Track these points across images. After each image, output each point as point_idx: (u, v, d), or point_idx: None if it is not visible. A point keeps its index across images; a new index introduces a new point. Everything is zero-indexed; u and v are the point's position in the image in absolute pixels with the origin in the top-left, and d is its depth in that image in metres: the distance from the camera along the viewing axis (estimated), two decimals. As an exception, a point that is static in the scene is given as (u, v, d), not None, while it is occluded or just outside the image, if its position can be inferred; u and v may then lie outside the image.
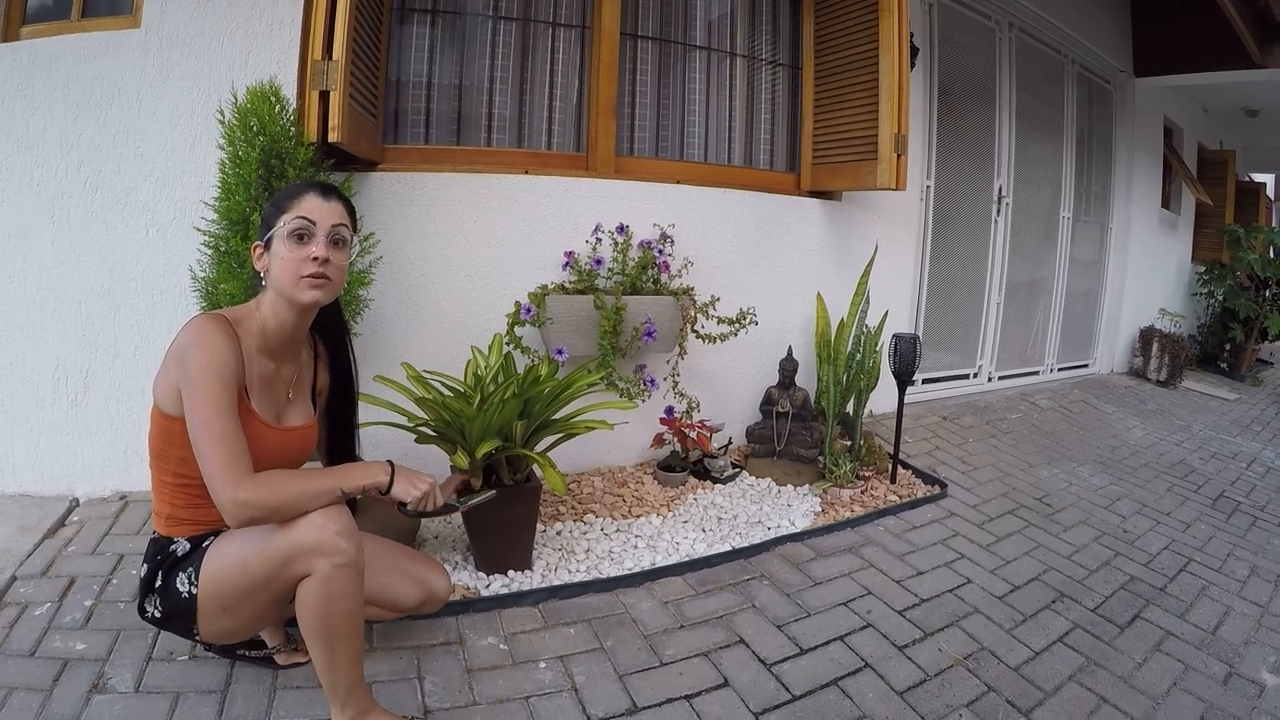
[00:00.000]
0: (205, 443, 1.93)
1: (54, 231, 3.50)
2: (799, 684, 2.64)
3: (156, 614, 2.16)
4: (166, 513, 2.17)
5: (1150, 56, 8.38)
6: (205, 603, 2.09)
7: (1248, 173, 13.04)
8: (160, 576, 2.13)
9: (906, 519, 4.11)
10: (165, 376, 2.06)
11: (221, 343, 2.02)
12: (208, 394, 1.96)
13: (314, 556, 1.96)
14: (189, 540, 2.16)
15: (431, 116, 4.18)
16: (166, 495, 2.16)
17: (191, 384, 1.97)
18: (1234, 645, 3.18)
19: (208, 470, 1.92)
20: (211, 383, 1.97)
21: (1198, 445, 6.40)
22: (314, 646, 2.04)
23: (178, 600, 2.11)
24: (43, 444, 3.61)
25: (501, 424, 2.96)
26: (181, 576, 2.10)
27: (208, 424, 1.94)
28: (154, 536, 2.20)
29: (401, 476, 2.17)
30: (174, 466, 2.13)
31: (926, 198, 6.21)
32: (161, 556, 2.14)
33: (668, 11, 4.80)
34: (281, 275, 2.13)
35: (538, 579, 3.17)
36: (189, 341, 2.00)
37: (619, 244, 4.12)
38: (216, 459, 1.92)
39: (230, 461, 1.92)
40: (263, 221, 2.19)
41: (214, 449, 1.92)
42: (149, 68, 3.47)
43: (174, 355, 2.02)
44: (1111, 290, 8.84)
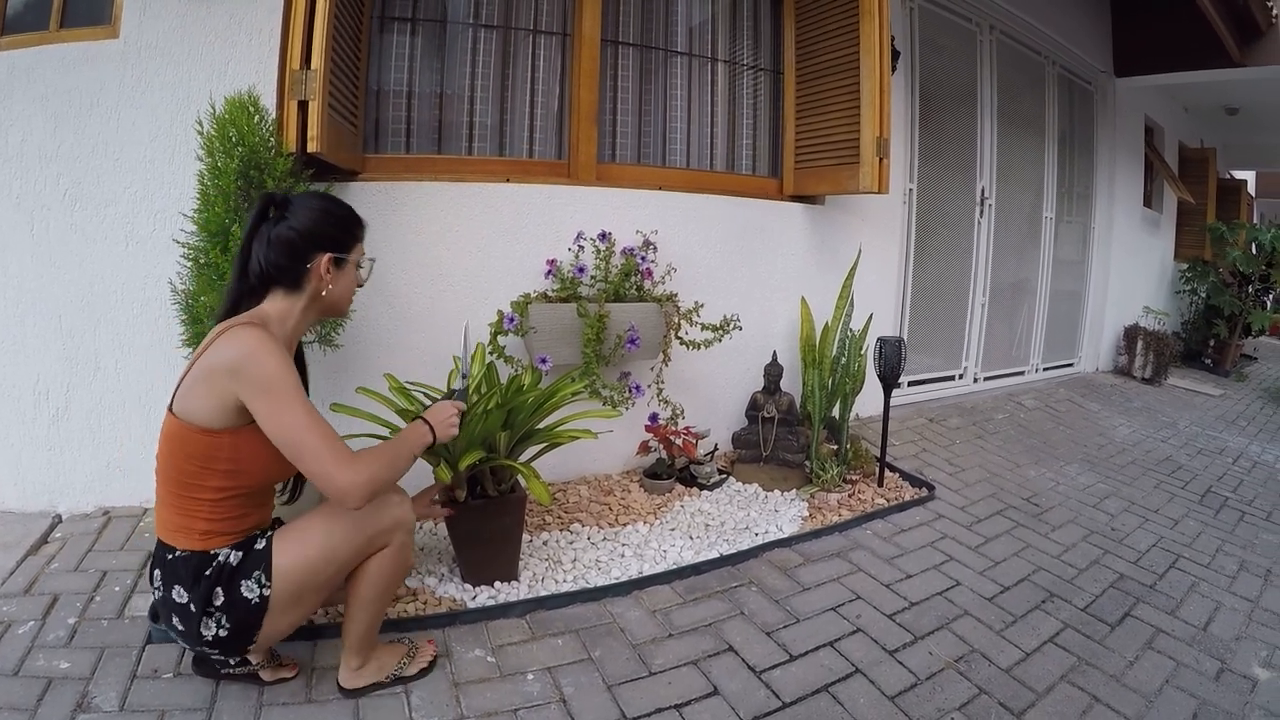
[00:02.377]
0: (311, 441, 2.04)
1: (33, 244, 3.47)
2: (789, 691, 2.64)
3: (221, 634, 2.13)
4: (203, 529, 2.12)
5: (1130, 56, 8.42)
6: (280, 599, 2.15)
7: (1228, 170, 13.09)
8: (221, 592, 2.11)
9: (894, 522, 4.11)
10: (211, 392, 2.05)
11: (280, 351, 2.08)
12: (295, 397, 2.05)
13: (396, 531, 2.33)
14: (233, 548, 2.15)
15: (412, 125, 4.17)
16: (204, 512, 2.12)
17: (271, 391, 2.02)
18: (1225, 641, 3.19)
19: (320, 466, 2.04)
20: (292, 386, 2.06)
21: (1184, 442, 6.42)
22: (365, 609, 2.36)
23: (248, 608, 2.12)
24: (24, 460, 3.58)
25: (485, 435, 2.94)
26: (247, 583, 2.11)
27: (308, 425, 2.05)
28: (181, 556, 2.13)
29: (439, 426, 2.44)
30: (218, 481, 2.11)
31: (909, 200, 6.22)
32: (211, 571, 2.11)
33: (648, 18, 4.79)
34: (344, 296, 2.40)
35: (524, 590, 3.15)
36: (251, 353, 2.03)
37: (601, 251, 4.11)
38: (329, 453, 2.05)
39: (342, 452, 2.07)
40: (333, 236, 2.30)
41: (323, 444, 2.05)
42: (128, 78, 3.45)
43: (224, 369, 2.03)
44: (1095, 289, 8.87)
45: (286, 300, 2.27)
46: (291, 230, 2.22)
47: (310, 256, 2.24)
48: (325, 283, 2.28)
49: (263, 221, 2.24)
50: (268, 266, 2.22)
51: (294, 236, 2.22)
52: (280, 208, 2.26)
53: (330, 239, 2.29)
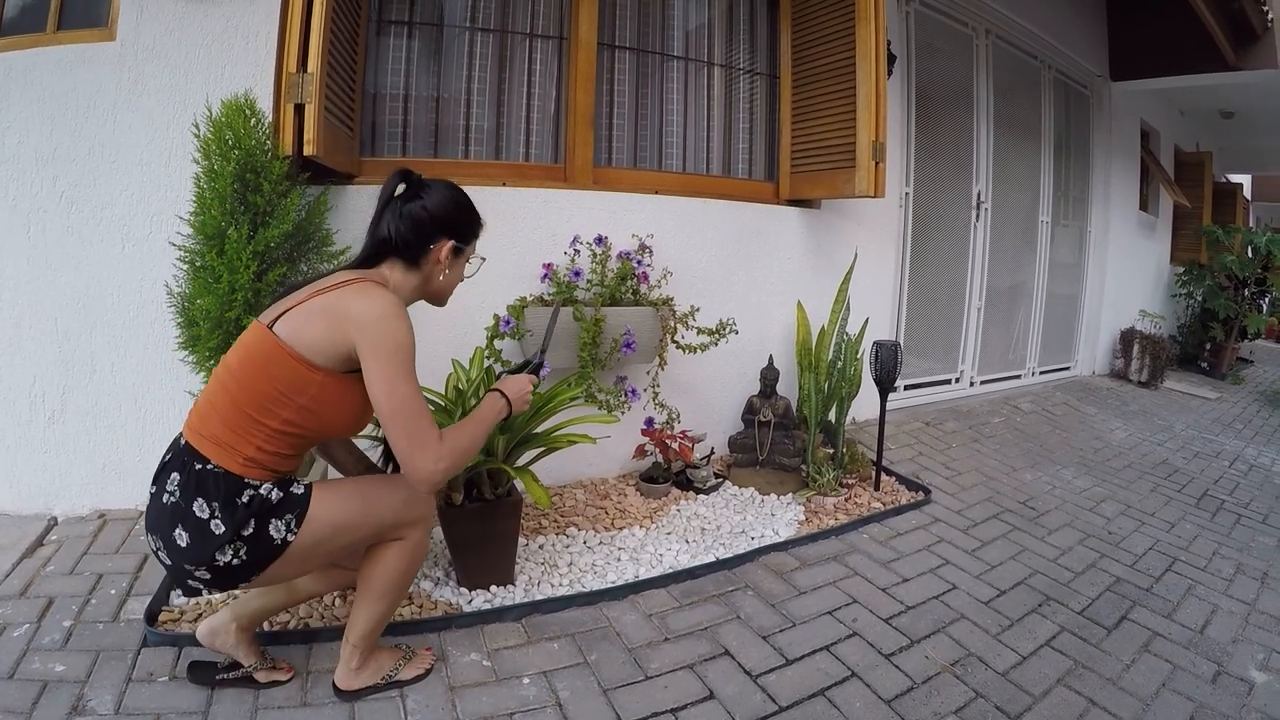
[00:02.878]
0: (410, 418, 2.07)
1: (29, 247, 3.47)
2: (785, 695, 2.63)
3: (234, 562, 2.07)
4: (249, 454, 2.08)
5: (1126, 60, 8.43)
6: (297, 551, 2.16)
7: (1224, 174, 13.14)
8: (253, 523, 2.07)
9: (891, 526, 4.11)
10: (331, 330, 2.08)
11: (408, 320, 2.15)
12: (411, 370, 2.11)
13: (418, 525, 2.36)
14: (274, 485, 2.12)
15: (409, 129, 4.17)
16: (259, 438, 2.08)
17: (390, 357, 2.06)
18: (1222, 644, 3.19)
19: (409, 444, 2.07)
20: (410, 361, 2.12)
21: (1180, 445, 6.43)
22: (375, 603, 2.37)
23: (268, 548, 2.11)
24: (19, 462, 3.58)
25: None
26: (277, 523, 2.10)
27: (408, 402, 2.07)
28: (214, 470, 2.06)
29: (514, 398, 2.50)
30: (290, 414, 2.09)
31: (906, 204, 6.23)
32: (252, 500, 2.07)
33: (645, 22, 4.79)
34: (451, 285, 2.50)
35: (520, 594, 3.14)
36: (386, 315, 2.08)
37: (597, 255, 4.11)
38: (418, 433, 2.08)
39: (430, 437, 2.10)
40: (458, 228, 2.40)
41: (415, 426, 2.08)
42: (124, 80, 3.45)
43: (357, 319, 2.07)
44: (1091, 293, 8.88)
45: (403, 275, 2.34)
46: (424, 209, 2.30)
47: (435, 238, 2.32)
48: (441, 267, 2.37)
49: (394, 195, 2.31)
50: (396, 237, 2.28)
51: (425, 215, 2.30)
52: (415, 186, 2.33)
53: (456, 227, 2.38)
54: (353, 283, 2.16)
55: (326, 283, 2.18)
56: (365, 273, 2.27)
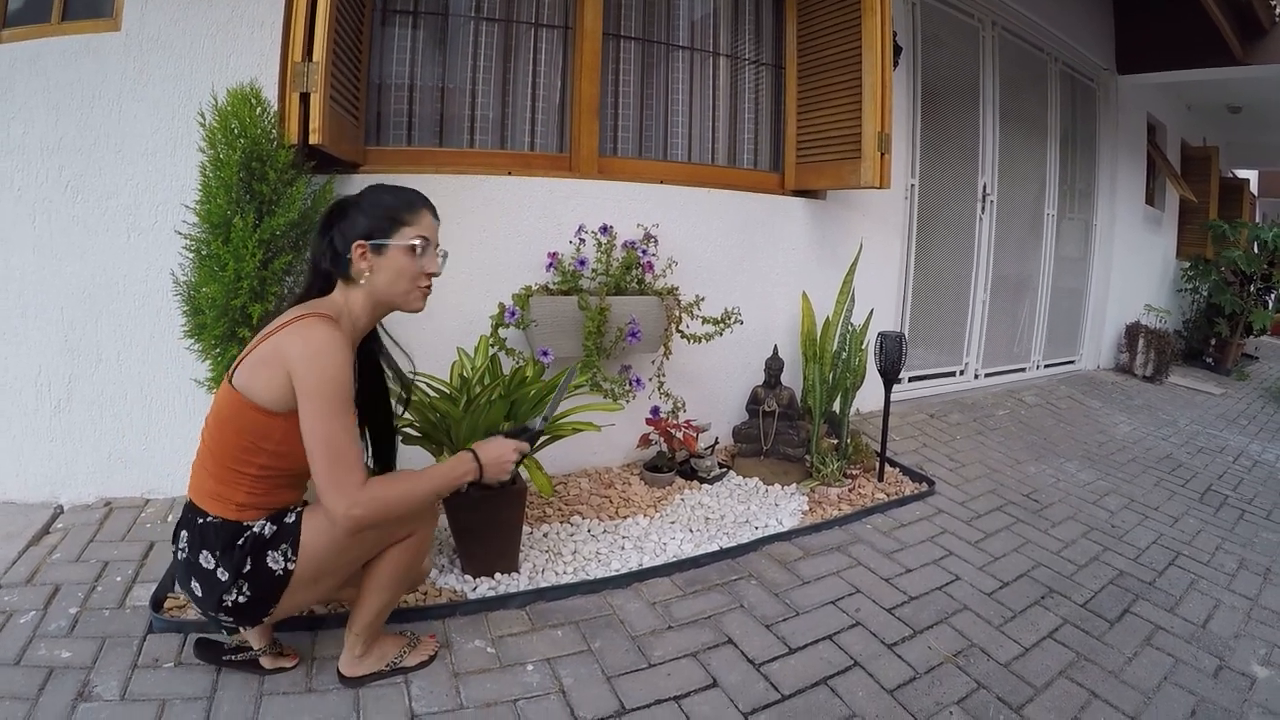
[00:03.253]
0: (322, 458, 2.01)
1: (35, 236, 3.48)
2: (788, 683, 2.64)
3: (241, 600, 2.14)
4: (240, 500, 2.13)
5: (1133, 53, 8.41)
6: (302, 576, 2.18)
7: (1231, 169, 13.09)
8: (250, 561, 2.11)
9: (894, 516, 4.11)
10: (272, 376, 2.05)
11: (343, 354, 2.07)
12: (333, 408, 2.03)
13: (421, 526, 2.35)
14: (268, 520, 2.16)
15: (414, 118, 4.17)
16: (245, 485, 2.13)
17: (315, 395, 2.01)
18: (1224, 638, 3.19)
19: (321, 483, 2.02)
20: (337, 396, 2.04)
21: (1185, 440, 6.42)
22: (378, 595, 2.37)
23: (270, 580, 2.14)
24: (26, 451, 3.59)
25: (488, 425, 2.95)
26: (274, 555, 2.13)
27: (328, 440, 2.01)
28: (213, 522, 2.13)
29: (489, 464, 2.32)
30: (265, 460, 2.12)
31: (911, 196, 6.22)
32: (246, 541, 2.11)
33: (650, 11, 4.79)
34: (394, 284, 2.28)
35: (524, 581, 3.15)
36: (314, 351, 2.03)
37: (603, 244, 4.11)
38: (332, 476, 2.01)
39: (345, 477, 2.02)
40: (369, 222, 2.24)
41: (331, 465, 2.01)
42: (130, 70, 3.45)
43: (288, 358, 2.04)
44: (1097, 287, 8.87)
45: (346, 291, 2.27)
46: (329, 220, 2.26)
47: (348, 244, 2.22)
48: (367, 268, 2.23)
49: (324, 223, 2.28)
50: (316, 255, 2.27)
51: (330, 225, 2.25)
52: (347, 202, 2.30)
53: (365, 225, 2.24)
54: (293, 321, 2.10)
55: (275, 324, 2.14)
56: (316, 304, 2.23)
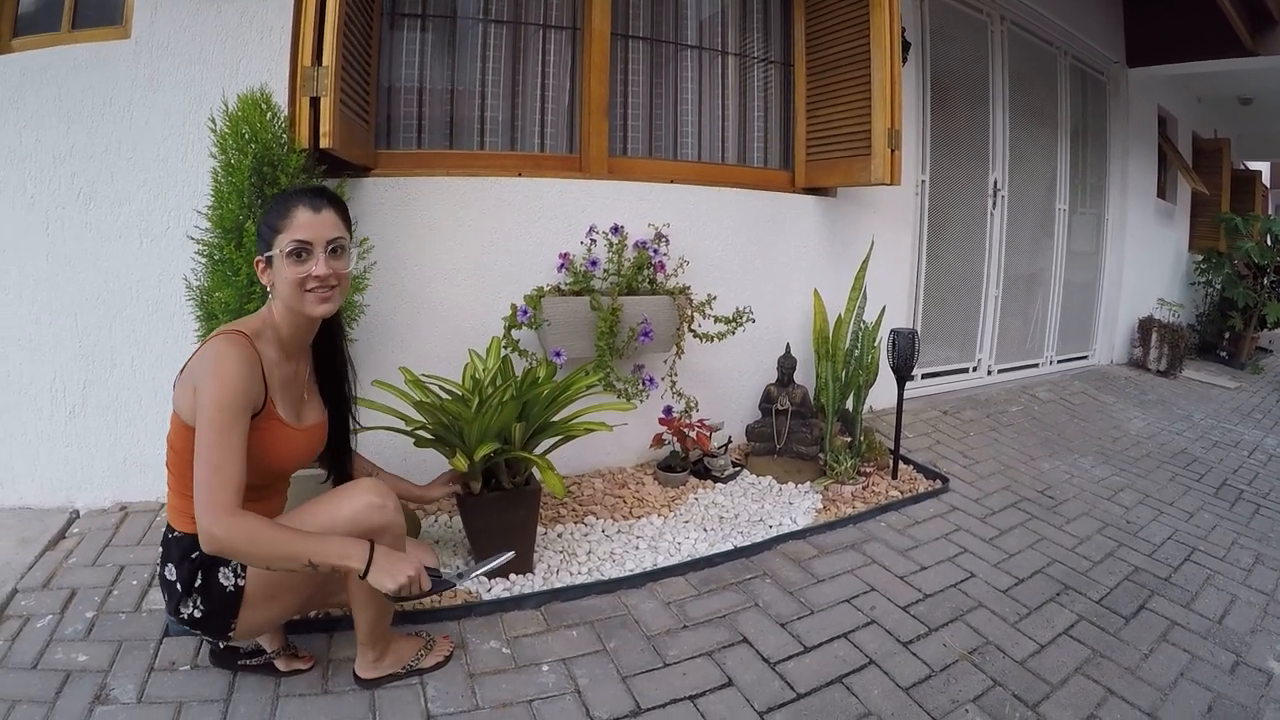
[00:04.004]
0: (202, 470, 1.94)
1: (49, 243, 3.49)
2: (803, 682, 2.64)
3: (196, 614, 2.14)
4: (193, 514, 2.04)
5: (1143, 46, 8.37)
6: (252, 593, 2.14)
7: (1242, 161, 13.02)
8: (200, 575, 2.11)
9: (908, 514, 4.11)
10: (185, 393, 2.05)
11: (236, 369, 2.02)
12: (215, 422, 1.97)
13: (383, 534, 2.18)
14: None
15: (424, 121, 4.18)
16: (182, 492, 2.11)
17: (202, 409, 1.97)
18: (1240, 634, 3.17)
19: (198, 494, 1.92)
20: (221, 412, 1.97)
21: (1199, 434, 6.40)
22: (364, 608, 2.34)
23: (222, 595, 2.12)
24: (42, 456, 3.61)
25: (500, 426, 2.96)
26: (225, 570, 2.12)
27: (208, 453, 1.94)
28: (174, 536, 2.16)
29: (381, 563, 2.04)
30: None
31: (922, 192, 6.21)
32: (198, 554, 2.08)
33: (658, 11, 4.79)
34: (289, 293, 2.17)
35: (539, 582, 3.16)
36: (206, 368, 2.01)
37: (614, 244, 4.11)
38: (206, 490, 1.92)
39: (217, 495, 1.92)
40: (259, 238, 2.21)
41: (208, 478, 1.93)
42: (140, 77, 3.46)
43: (190, 374, 2.05)
44: (1109, 281, 8.83)
45: (270, 303, 2.26)
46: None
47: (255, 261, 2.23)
48: (265, 282, 2.22)
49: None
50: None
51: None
52: None
53: (261, 242, 2.21)
54: (207, 340, 2.12)
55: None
56: (239, 320, 2.24)
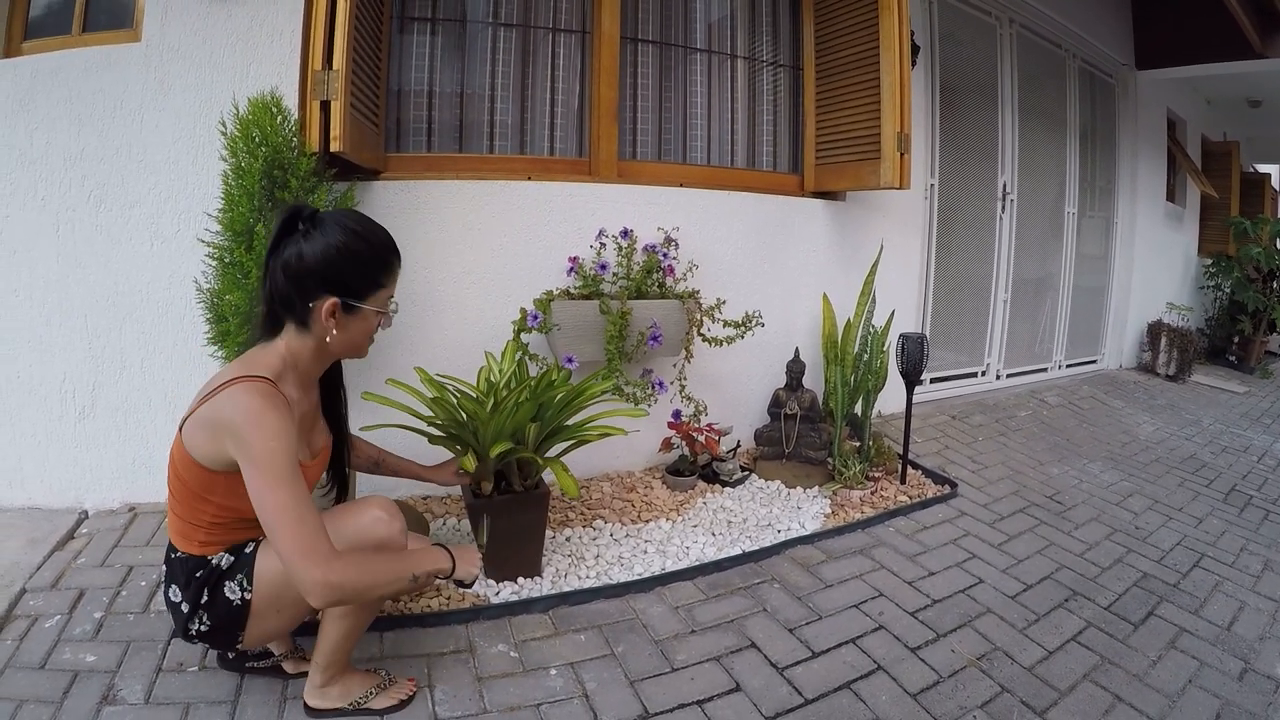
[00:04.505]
0: (284, 527, 1.86)
1: (59, 245, 3.50)
2: (811, 687, 2.64)
3: (203, 628, 2.12)
4: (201, 539, 2.09)
5: (1151, 49, 8.36)
6: (260, 605, 2.11)
7: (1252, 164, 12.98)
8: (206, 591, 2.10)
9: (917, 519, 4.10)
10: (211, 440, 1.95)
11: (283, 421, 1.94)
12: (281, 477, 1.89)
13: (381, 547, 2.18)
14: (228, 552, 2.12)
15: (433, 124, 4.18)
16: (203, 527, 2.07)
17: (259, 465, 1.88)
18: (1249, 641, 3.16)
19: (288, 552, 1.86)
20: (282, 464, 1.90)
21: (1208, 439, 6.38)
22: (334, 625, 2.24)
23: (228, 609, 2.10)
24: (51, 456, 3.62)
25: (516, 427, 2.98)
26: (230, 585, 2.10)
27: (285, 509, 1.87)
28: (178, 556, 2.12)
29: (461, 559, 2.29)
30: (213, 510, 2.06)
31: (931, 196, 6.20)
32: (203, 573, 2.09)
33: (668, 15, 4.79)
34: (354, 342, 2.20)
35: (547, 586, 3.16)
36: (248, 421, 1.89)
37: (623, 248, 4.11)
38: (300, 543, 1.86)
39: (314, 543, 1.88)
40: (342, 281, 2.08)
41: (296, 532, 1.86)
42: (150, 80, 3.47)
43: (225, 428, 1.91)
44: (1118, 285, 8.82)
45: (298, 339, 2.12)
46: (302, 259, 2.02)
47: (315, 295, 2.06)
48: (329, 328, 2.09)
49: (287, 236, 2.05)
50: (274, 293, 2.07)
51: (301, 267, 2.03)
52: (308, 223, 2.06)
53: (342, 280, 2.08)
54: (230, 384, 1.95)
55: (216, 382, 2.00)
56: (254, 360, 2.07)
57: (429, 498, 3.92)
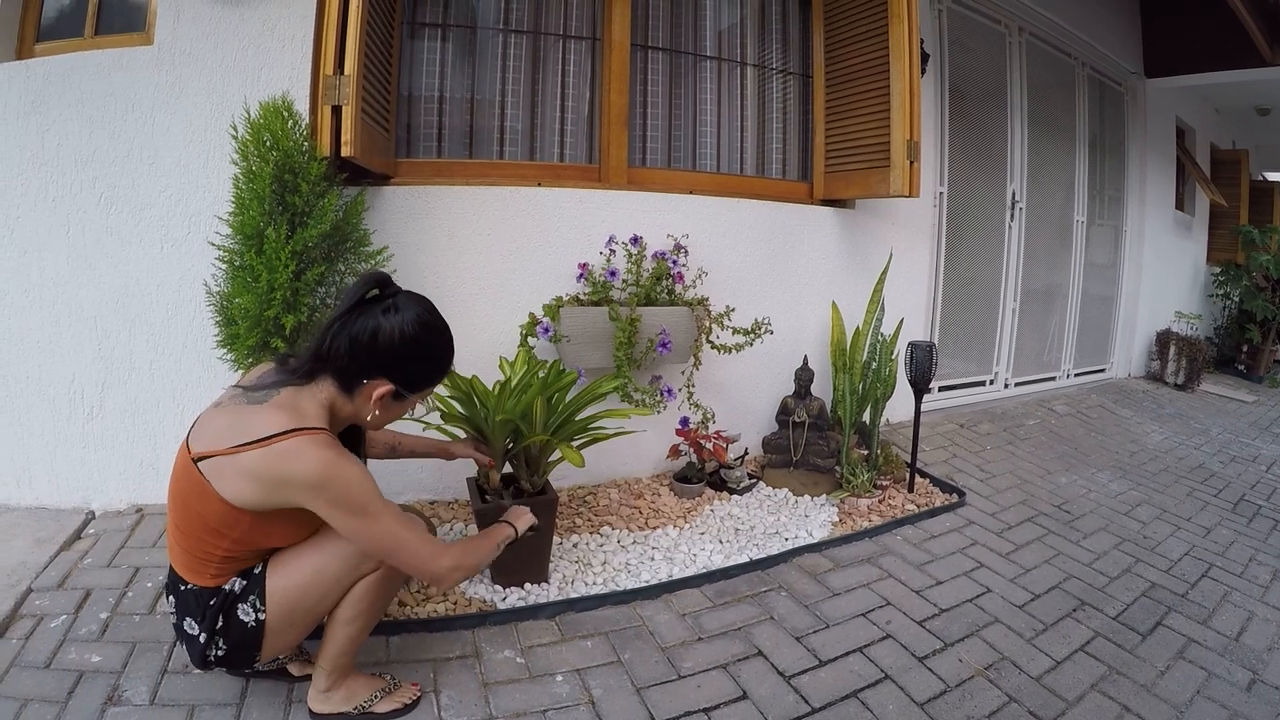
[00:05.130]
0: (402, 548, 2.10)
1: (69, 246, 3.51)
2: (818, 696, 2.63)
3: (219, 654, 2.12)
4: (212, 572, 2.07)
5: (1161, 57, 8.36)
6: (274, 624, 2.12)
7: (1261, 172, 12.92)
8: (221, 618, 2.09)
9: (925, 528, 4.09)
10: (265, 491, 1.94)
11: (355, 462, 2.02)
12: (379, 510, 2.04)
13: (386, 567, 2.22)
14: (239, 576, 2.11)
15: (444, 130, 4.19)
16: (214, 562, 2.06)
17: (355, 509, 1.99)
18: (1257, 651, 3.15)
19: (414, 565, 2.15)
20: (375, 499, 2.03)
21: (1217, 449, 6.36)
22: (340, 628, 2.25)
23: (244, 631, 2.10)
24: (59, 457, 3.63)
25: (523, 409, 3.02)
26: (244, 607, 2.09)
27: (394, 534, 2.07)
28: (189, 589, 2.09)
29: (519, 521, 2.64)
30: (228, 545, 2.04)
31: (940, 204, 6.19)
32: (217, 600, 2.08)
33: (678, 22, 4.80)
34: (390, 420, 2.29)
35: (554, 592, 3.16)
36: (332, 474, 1.93)
37: (633, 255, 4.11)
38: (420, 553, 2.13)
39: (429, 547, 2.17)
40: (406, 376, 2.15)
41: (414, 547, 2.12)
42: (162, 83, 3.49)
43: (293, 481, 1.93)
44: (1127, 294, 8.80)
45: (337, 397, 2.13)
46: (375, 340, 2.07)
47: (373, 374, 2.11)
48: (372, 407, 2.14)
49: (364, 305, 2.11)
50: (331, 355, 2.09)
51: (372, 348, 2.08)
52: (387, 298, 2.13)
53: (406, 371, 2.15)
54: (289, 437, 1.93)
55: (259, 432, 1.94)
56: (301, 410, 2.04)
57: (435, 503, 3.93)
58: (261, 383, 2.12)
